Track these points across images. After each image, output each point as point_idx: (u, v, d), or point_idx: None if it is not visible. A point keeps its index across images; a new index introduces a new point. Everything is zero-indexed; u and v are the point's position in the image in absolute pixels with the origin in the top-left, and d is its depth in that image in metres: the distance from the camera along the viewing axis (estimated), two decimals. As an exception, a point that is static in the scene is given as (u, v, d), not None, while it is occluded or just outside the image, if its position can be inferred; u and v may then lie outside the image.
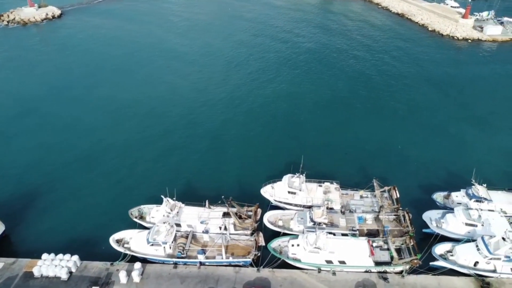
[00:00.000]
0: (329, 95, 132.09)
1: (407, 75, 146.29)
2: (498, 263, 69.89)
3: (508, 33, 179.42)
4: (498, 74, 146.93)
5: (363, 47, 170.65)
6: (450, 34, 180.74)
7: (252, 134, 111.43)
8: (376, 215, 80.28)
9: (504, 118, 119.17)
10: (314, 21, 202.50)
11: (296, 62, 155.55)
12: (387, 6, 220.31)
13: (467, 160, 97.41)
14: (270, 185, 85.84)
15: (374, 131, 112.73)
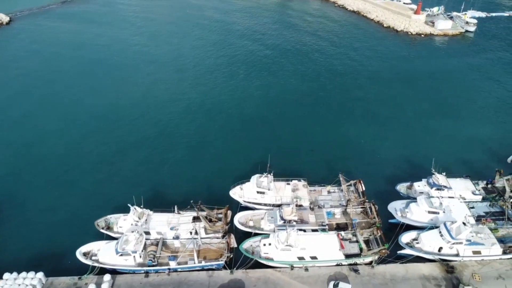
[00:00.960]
0: (292, 93, 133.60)
1: (366, 71, 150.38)
2: (460, 247, 73.21)
3: (458, 27, 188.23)
4: (451, 67, 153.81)
5: (323, 45, 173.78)
6: (404, 29, 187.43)
7: (218, 136, 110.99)
8: (344, 209, 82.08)
9: (459, 108, 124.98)
10: (275, 21, 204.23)
11: (259, 63, 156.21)
12: (343, 4, 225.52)
13: (427, 151, 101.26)
14: (239, 186, 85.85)
15: (337, 127, 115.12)
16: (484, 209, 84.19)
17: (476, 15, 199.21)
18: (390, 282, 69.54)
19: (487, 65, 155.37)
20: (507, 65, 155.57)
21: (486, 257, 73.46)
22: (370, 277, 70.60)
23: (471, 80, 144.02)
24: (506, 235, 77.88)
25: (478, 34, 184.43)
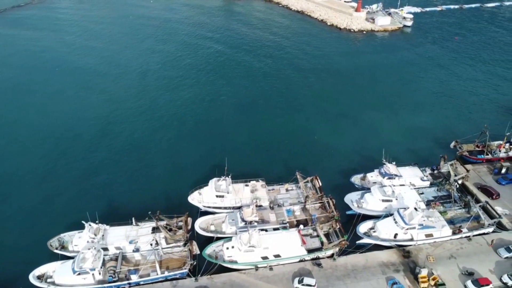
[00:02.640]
0: (244, 95, 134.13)
1: (314, 69, 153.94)
2: (414, 232, 76.88)
3: (396, 22, 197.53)
4: (392, 61, 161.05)
5: (271, 46, 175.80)
6: (347, 27, 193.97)
7: (172, 143, 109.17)
8: (303, 205, 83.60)
9: (403, 100, 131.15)
10: (220, 24, 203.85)
11: (208, 66, 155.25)
12: (287, 4, 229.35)
13: (376, 142, 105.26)
14: (197, 192, 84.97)
15: (290, 125, 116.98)
16: (432, 193, 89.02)
17: (412, 11, 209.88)
18: (352, 273, 71.68)
19: (425, 57, 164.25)
20: (443, 56, 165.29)
21: (438, 239, 77.69)
22: (333, 269, 72.39)
23: (412, 71, 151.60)
24: (454, 216, 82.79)
25: (415, 28, 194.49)
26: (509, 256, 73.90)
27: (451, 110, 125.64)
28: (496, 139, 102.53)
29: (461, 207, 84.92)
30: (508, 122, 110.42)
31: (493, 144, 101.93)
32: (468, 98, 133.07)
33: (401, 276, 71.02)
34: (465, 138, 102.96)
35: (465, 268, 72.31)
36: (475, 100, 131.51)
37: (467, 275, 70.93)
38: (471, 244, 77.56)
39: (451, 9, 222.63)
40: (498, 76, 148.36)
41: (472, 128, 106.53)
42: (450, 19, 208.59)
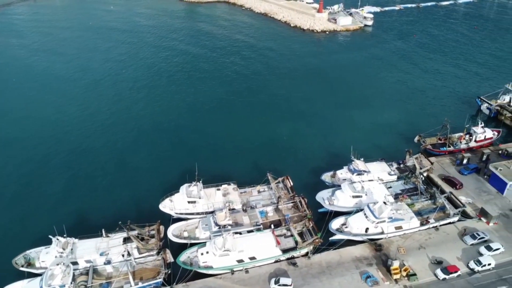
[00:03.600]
0: (211, 98, 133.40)
1: (279, 70, 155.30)
2: (384, 225, 78.75)
3: (357, 22, 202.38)
4: (355, 59, 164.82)
5: (236, 48, 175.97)
6: (310, 28, 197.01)
7: (139, 150, 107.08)
8: (276, 206, 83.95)
9: (367, 97, 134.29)
10: (184, 28, 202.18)
11: (174, 71, 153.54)
12: (250, 7, 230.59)
13: (345, 140, 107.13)
14: (168, 199, 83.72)
15: (259, 127, 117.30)
16: (400, 187, 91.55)
17: (372, 10, 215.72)
18: (327, 269, 72.56)
19: (387, 55, 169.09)
20: (403, 53, 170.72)
21: (407, 230, 79.90)
22: (308, 267, 73.02)
23: (375, 69, 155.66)
24: (422, 208, 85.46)
25: (375, 27, 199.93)
26: (474, 243, 76.94)
27: (414, 105, 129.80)
28: (457, 132, 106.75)
29: (427, 198, 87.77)
30: (467, 115, 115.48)
31: (454, 137, 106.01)
32: (429, 93, 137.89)
33: (374, 269, 72.54)
34: (428, 132, 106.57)
35: (434, 257, 74.73)
36: (436, 95, 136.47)
37: (436, 264, 73.33)
38: (439, 234, 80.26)
39: (409, 8, 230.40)
40: (456, 70, 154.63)
41: (434, 122, 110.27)
42: (408, 18, 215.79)
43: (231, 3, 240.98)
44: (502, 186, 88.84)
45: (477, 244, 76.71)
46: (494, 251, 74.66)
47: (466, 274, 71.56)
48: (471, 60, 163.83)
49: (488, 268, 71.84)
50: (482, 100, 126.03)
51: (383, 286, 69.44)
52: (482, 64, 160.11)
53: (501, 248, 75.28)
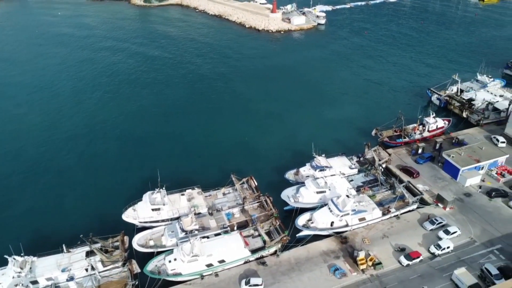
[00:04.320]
0: (169, 103, 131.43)
1: (237, 71, 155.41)
2: (348, 218, 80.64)
3: (311, 21, 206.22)
4: (311, 57, 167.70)
5: (191, 51, 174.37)
6: (265, 28, 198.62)
7: (97, 160, 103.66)
8: (242, 207, 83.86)
9: (324, 94, 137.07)
10: (137, 32, 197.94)
11: (130, 77, 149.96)
12: (204, 9, 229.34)
13: (305, 137, 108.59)
14: (131, 208, 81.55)
15: (220, 129, 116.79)
16: (361, 179, 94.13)
17: (324, 9, 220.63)
18: (296, 266, 73.33)
19: (340, 52, 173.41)
20: (356, 49, 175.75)
21: (370, 221, 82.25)
22: (277, 265, 73.48)
23: (330, 66, 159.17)
24: (382, 198, 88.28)
25: (328, 25, 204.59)
26: (433, 228, 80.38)
27: (369, 100, 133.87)
28: (411, 123, 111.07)
29: (387, 189, 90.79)
30: (419, 106, 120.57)
31: (408, 128, 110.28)
32: (382, 86, 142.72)
33: (342, 262, 74.12)
34: (384, 124, 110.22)
35: (397, 245, 77.40)
36: (389, 88, 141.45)
37: (399, 251, 75.96)
38: (400, 222, 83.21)
39: (359, 6, 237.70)
40: (407, 63, 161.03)
41: (389, 115, 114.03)
42: (359, 15, 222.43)
43: (184, 5, 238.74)
44: (455, 172, 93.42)
45: (436, 229, 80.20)
46: (451, 234, 78.34)
47: (427, 258, 74.60)
48: (420, 53, 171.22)
49: (448, 251, 75.28)
50: (432, 91, 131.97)
51: (351, 277, 71.10)
52: (430, 56, 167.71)
53: (458, 231, 79.10)
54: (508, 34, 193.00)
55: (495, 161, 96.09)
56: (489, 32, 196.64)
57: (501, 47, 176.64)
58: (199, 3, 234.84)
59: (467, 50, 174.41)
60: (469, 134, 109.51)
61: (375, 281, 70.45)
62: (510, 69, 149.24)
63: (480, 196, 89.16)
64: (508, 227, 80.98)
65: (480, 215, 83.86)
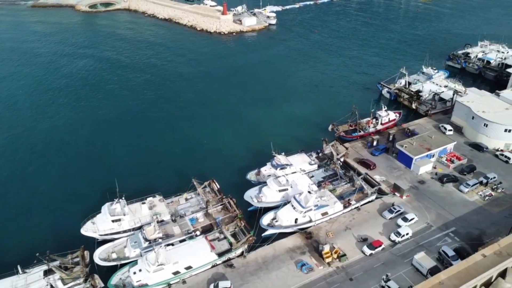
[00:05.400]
0: (122, 110, 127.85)
1: (192, 74, 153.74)
2: (311, 214, 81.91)
3: (262, 22, 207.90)
4: (265, 57, 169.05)
5: (143, 56, 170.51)
6: (217, 30, 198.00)
7: (53, 173, 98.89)
8: (205, 211, 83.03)
9: (280, 92, 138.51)
10: (86, 39, 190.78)
11: (78, 85, 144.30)
12: (153, 13, 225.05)
13: (264, 137, 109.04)
14: (90, 221, 78.47)
15: (177, 134, 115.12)
16: (321, 175, 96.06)
17: (274, 10, 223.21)
18: (263, 265, 73.55)
19: (293, 50, 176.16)
20: (308, 47, 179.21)
21: (333, 215, 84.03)
22: (245, 266, 73.36)
23: (284, 65, 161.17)
24: (343, 192, 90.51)
25: (279, 25, 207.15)
26: (392, 217, 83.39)
27: (324, 96, 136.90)
28: (365, 117, 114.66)
29: (346, 182, 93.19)
30: (371, 100, 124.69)
31: (362, 122, 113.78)
32: (336, 82, 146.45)
33: (308, 257, 75.16)
34: (340, 120, 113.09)
35: (360, 235, 79.59)
36: (342, 84, 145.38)
37: (362, 242, 78.14)
38: (361, 214, 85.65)
39: (308, 5, 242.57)
40: (357, 59, 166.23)
41: (344, 110, 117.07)
42: (308, 14, 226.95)
43: (132, 10, 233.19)
44: (409, 161, 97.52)
45: (394, 218, 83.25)
46: (409, 221, 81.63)
47: (389, 246, 77.24)
48: (369, 49, 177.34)
49: (407, 237, 78.36)
50: (382, 85, 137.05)
51: (318, 271, 72.29)
52: (379, 52, 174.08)
53: (415, 218, 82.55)
54: (447, 28, 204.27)
55: (444, 148, 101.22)
56: (431, 26, 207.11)
57: (442, 40, 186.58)
58: (148, 7, 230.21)
59: (412, 44, 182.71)
60: (419, 124, 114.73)
61: (341, 273, 72.04)
62: (451, 60, 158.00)
63: (433, 183, 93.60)
64: (460, 210, 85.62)
65: (434, 201, 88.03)
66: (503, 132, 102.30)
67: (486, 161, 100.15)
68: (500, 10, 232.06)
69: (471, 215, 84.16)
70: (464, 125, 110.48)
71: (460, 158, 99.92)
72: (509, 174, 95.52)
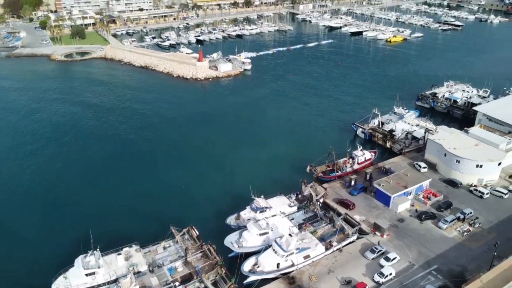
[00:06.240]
0: (97, 157, 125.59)
1: (169, 119, 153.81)
2: (293, 257, 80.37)
3: (237, 67, 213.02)
4: (241, 101, 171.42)
5: (120, 103, 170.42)
6: (193, 76, 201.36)
7: (19, 226, 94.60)
8: (184, 259, 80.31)
9: (257, 135, 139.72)
10: (61, 88, 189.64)
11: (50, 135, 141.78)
12: (129, 61, 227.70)
13: (243, 180, 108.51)
14: (62, 276, 74.46)
15: (154, 180, 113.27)
16: (301, 217, 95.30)
17: (249, 56, 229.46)
18: (246, 314, 70.74)
19: (269, 93, 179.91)
20: (283, 90, 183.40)
21: (315, 258, 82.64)
22: (227, 317, 70.34)
23: (260, 108, 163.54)
24: (324, 233, 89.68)
25: (254, 70, 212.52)
26: (374, 257, 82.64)
27: (301, 137, 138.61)
28: (341, 157, 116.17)
29: (327, 223, 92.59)
30: (347, 140, 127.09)
31: (340, 162, 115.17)
32: (312, 124, 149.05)
33: (292, 303, 72.90)
34: (317, 160, 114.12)
35: (343, 278, 78.14)
36: (318, 125, 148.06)
37: (346, 284, 76.61)
38: (343, 255, 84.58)
39: (281, 51, 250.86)
40: (331, 101, 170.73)
41: (321, 151, 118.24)
42: (282, 60, 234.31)
43: (109, 58, 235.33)
44: (387, 199, 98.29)
45: (377, 258, 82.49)
46: (392, 261, 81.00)
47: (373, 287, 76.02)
48: (342, 90, 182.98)
49: (390, 278, 77.40)
50: (356, 125, 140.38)
51: (303, 318, 69.93)
52: (351, 93, 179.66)
53: (397, 257, 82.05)
54: (414, 69, 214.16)
55: (421, 186, 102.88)
56: (399, 68, 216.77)
57: (410, 81, 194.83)
58: (124, 56, 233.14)
59: (383, 85, 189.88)
60: (395, 163, 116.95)
61: (327, 318, 69.89)
62: (420, 100, 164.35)
63: (412, 220, 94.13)
64: (440, 246, 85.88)
65: (414, 238, 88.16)
66: (474, 167, 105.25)
67: (461, 197, 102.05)
68: (461, 53, 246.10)
69: (451, 252, 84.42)
70: (438, 162, 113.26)
71: (437, 194, 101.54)
72: (484, 209, 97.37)
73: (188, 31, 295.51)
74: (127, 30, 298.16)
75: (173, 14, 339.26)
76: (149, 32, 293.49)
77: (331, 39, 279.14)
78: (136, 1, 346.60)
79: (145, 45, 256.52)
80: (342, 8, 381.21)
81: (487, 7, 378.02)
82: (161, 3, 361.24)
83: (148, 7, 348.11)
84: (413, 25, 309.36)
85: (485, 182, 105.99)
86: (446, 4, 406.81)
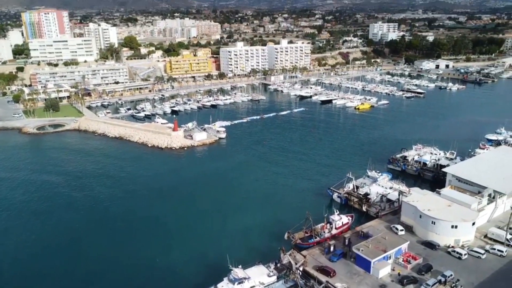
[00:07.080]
0: (65, 233, 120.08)
1: (138, 191, 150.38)
2: (275, 332, 75.88)
3: (212, 136, 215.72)
4: (216, 169, 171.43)
5: (89, 175, 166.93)
6: (168, 146, 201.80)
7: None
8: None
9: (232, 204, 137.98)
10: (31, 162, 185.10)
11: (13, 211, 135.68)
12: (103, 132, 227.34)
13: (219, 250, 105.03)
14: None
15: (126, 254, 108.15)
16: (281, 286, 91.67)
17: (223, 124, 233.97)
18: None
19: (244, 161, 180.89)
20: (258, 158, 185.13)
21: (298, 331, 78.26)
22: None
23: (236, 176, 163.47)
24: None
25: (229, 138, 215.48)
26: (359, 327, 79.10)
27: (277, 204, 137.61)
28: (319, 222, 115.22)
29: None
30: (323, 205, 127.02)
31: (317, 228, 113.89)
32: (287, 191, 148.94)
33: None
34: (295, 227, 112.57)
35: None
36: (293, 191, 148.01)
37: None
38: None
39: (254, 119, 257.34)
40: (305, 167, 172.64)
41: (297, 217, 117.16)
42: (255, 128, 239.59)
43: (82, 130, 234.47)
44: (367, 264, 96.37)
45: (361, 328, 78.92)
46: (377, 330, 77.56)
47: None
48: (316, 157, 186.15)
49: None
50: (332, 190, 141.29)
51: None
52: (325, 159, 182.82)
53: (382, 326, 78.78)
54: (384, 134, 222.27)
55: (399, 249, 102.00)
56: (369, 133, 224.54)
57: (381, 144, 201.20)
58: (98, 127, 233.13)
59: (355, 150, 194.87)
60: (372, 226, 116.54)
61: None
62: (392, 164, 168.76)
63: (394, 286, 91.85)
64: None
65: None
66: (450, 228, 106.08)
67: (440, 259, 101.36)
68: (426, 118, 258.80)
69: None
70: (414, 224, 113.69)
71: (416, 257, 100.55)
72: (464, 270, 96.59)
73: (163, 102, 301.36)
74: (102, 102, 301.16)
75: (148, 86, 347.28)
76: (124, 103, 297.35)
77: (303, 107, 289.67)
78: (112, 75, 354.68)
79: (120, 117, 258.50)
80: (311, 78, 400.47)
81: (445, 76, 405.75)
82: (137, 77, 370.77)
83: (124, 80, 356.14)
84: (378, 93, 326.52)
85: (461, 242, 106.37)
86: (407, 74, 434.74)
